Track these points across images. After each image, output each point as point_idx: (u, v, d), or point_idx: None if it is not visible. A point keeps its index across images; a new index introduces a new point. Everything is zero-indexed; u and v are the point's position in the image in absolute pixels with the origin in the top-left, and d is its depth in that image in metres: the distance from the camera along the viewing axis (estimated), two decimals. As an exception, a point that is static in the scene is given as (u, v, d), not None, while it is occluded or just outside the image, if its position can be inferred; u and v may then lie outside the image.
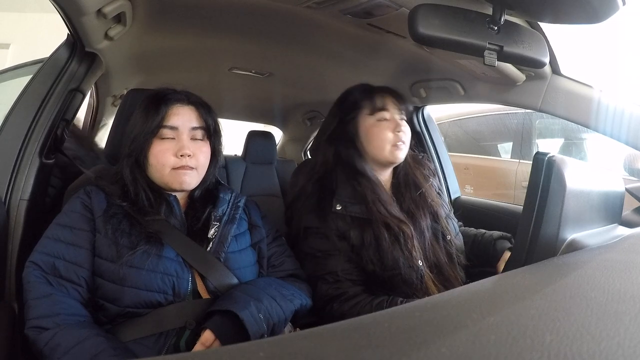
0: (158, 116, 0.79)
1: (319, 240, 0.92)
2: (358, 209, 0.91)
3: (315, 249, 0.92)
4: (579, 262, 0.53)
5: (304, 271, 0.92)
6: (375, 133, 0.95)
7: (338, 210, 0.91)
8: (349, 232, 0.90)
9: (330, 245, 0.90)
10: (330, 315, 0.88)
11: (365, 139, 0.97)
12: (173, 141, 0.79)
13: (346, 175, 0.96)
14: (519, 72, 1.06)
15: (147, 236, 0.73)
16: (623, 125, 0.97)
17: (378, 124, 0.96)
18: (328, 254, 0.90)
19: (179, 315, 0.70)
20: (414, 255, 0.88)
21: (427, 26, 0.69)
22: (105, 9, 0.80)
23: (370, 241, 0.89)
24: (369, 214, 0.90)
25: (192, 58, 1.38)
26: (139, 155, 0.79)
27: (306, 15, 0.94)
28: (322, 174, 0.99)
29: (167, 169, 0.78)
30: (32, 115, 0.87)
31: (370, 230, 0.89)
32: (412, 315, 0.32)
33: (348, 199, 0.93)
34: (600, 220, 0.75)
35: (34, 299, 0.67)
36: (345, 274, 0.89)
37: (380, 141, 0.95)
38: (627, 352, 0.26)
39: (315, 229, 0.93)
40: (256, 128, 2.05)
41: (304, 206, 0.97)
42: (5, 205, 0.82)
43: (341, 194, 0.93)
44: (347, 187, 0.94)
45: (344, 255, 0.90)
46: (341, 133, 0.99)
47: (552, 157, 0.62)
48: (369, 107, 0.97)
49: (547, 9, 0.75)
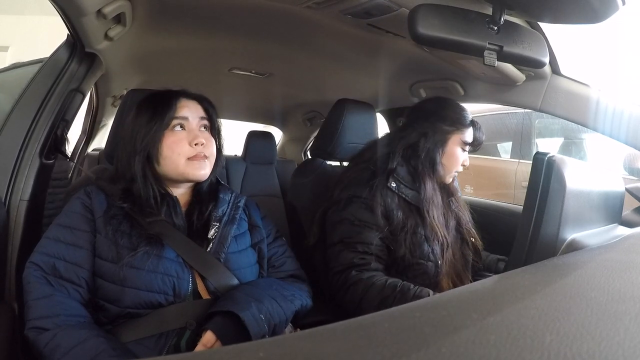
0: (170, 109, 0.80)
1: (363, 210, 0.95)
2: (411, 194, 0.97)
3: (356, 217, 0.95)
4: (579, 262, 0.53)
5: (333, 237, 0.97)
6: (456, 158, 1.01)
7: (392, 187, 0.96)
8: (394, 211, 0.95)
9: (372, 219, 0.94)
10: (342, 283, 0.92)
11: (446, 157, 1.01)
12: (184, 132, 0.81)
13: (407, 163, 1.00)
14: (518, 72, 1.06)
15: (147, 237, 0.73)
16: (623, 124, 0.97)
17: (460, 153, 1.02)
18: (366, 226, 0.94)
19: (179, 316, 0.70)
20: (437, 255, 0.95)
21: (426, 26, 0.69)
22: (105, 9, 0.80)
23: (411, 227, 0.94)
24: (420, 202, 0.96)
25: (192, 58, 1.38)
26: (151, 150, 0.79)
27: (306, 15, 0.94)
28: (387, 158, 1.01)
29: (182, 159, 0.79)
30: (32, 115, 0.86)
31: (413, 218, 0.95)
32: (412, 315, 0.32)
33: (405, 182, 0.98)
34: (600, 220, 0.75)
35: (34, 300, 0.67)
36: (376, 249, 0.93)
37: (454, 167, 1.02)
38: (627, 352, 0.26)
39: (363, 199, 0.96)
40: (256, 128, 2.05)
41: (354, 176, 1.02)
42: (5, 206, 0.82)
43: (400, 175, 0.98)
44: (406, 172, 0.99)
45: (380, 232, 0.94)
46: (432, 137, 1.00)
47: (552, 157, 0.62)
48: (466, 136, 1.01)
49: (547, 9, 0.75)
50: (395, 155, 1.00)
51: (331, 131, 1.25)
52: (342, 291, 0.93)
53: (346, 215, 0.96)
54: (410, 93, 1.38)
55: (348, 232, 0.95)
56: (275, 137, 2.06)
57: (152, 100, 0.83)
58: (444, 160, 1.00)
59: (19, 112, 0.87)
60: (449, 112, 1.02)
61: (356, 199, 0.96)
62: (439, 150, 1.00)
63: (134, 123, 0.82)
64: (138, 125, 0.81)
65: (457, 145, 1.01)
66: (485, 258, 1.14)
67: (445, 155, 1.00)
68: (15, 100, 0.88)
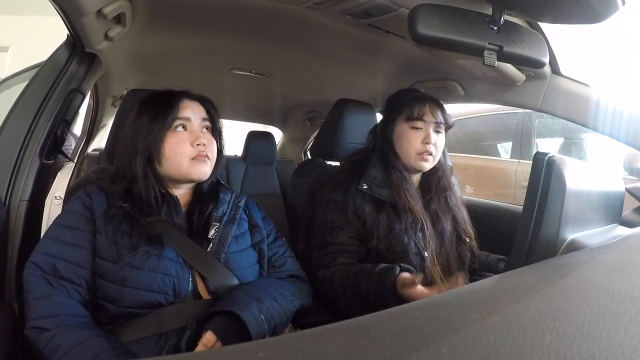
0: (172, 109, 0.80)
1: (335, 213, 0.98)
2: (384, 193, 0.98)
3: (329, 220, 0.98)
4: (579, 262, 0.53)
5: (313, 241, 0.99)
6: (406, 138, 1.00)
7: (364, 189, 0.98)
8: (364, 209, 0.96)
9: (343, 220, 0.97)
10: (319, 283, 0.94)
11: (397, 142, 1.02)
12: (186, 132, 0.81)
13: (382, 163, 1.02)
14: (518, 72, 1.06)
15: (147, 237, 0.73)
16: (623, 124, 0.97)
17: (410, 131, 1.00)
18: (338, 227, 0.97)
19: (179, 316, 0.70)
20: (422, 246, 0.94)
21: (426, 26, 0.69)
22: (105, 9, 0.80)
23: (384, 222, 0.95)
24: (393, 198, 0.96)
25: (192, 58, 1.38)
26: (153, 150, 0.79)
27: (306, 15, 0.94)
28: (359, 158, 1.06)
29: (185, 159, 0.79)
30: (32, 115, 0.87)
31: (385, 213, 0.96)
32: (412, 315, 0.32)
33: (376, 182, 0.99)
34: (600, 220, 0.75)
35: (34, 300, 0.67)
36: (344, 247, 0.95)
37: (408, 147, 1.00)
38: (627, 352, 0.26)
39: (336, 202, 0.99)
40: (256, 128, 2.05)
41: (333, 181, 1.04)
42: (5, 206, 0.82)
43: (370, 176, 1.00)
44: (379, 172, 1.01)
45: (351, 231, 0.96)
46: (384, 128, 1.05)
47: (552, 157, 0.62)
48: (406, 113, 1.01)
49: (546, 9, 0.75)
50: (364, 158, 1.05)
51: (331, 131, 1.25)
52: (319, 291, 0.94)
53: (321, 220, 1.00)
54: (410, 93, 1.38)
55: (322, 236, 0.98)
56: (275, 137, 2.06)
57: (154, 101, 0.83)
58: (398, 146, 1.02)
59: (19, 112, 0.87)
60: (393, 101, 1.06)
61: (331, 203, 1.00)
62: (391, 139, 1.02)
63: (135, 123, 0.81)
64: (139, 125, 0.80)
65: (403, 125, 1.01)
66: (485, 258, 1.14)
67: (396, 140, 1.02)
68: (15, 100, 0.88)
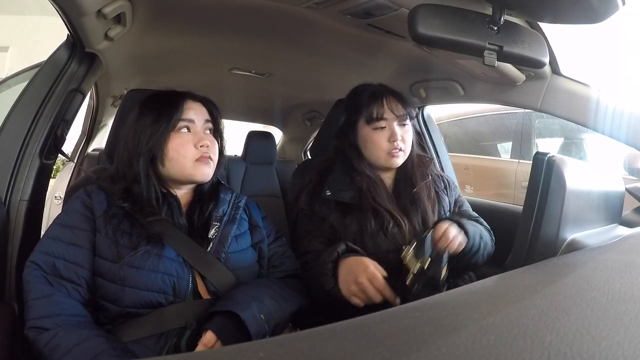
0: (176, 110, 0.80)
1: (305, 221, 0.98)
2: (347, 195, 0.96)
3: (303, 229, 0.98)
4: (579, 262, 0.53)
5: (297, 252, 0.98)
6: (371, 141, 0.98)
7: (328, 195, 0.96)
8: (329, 216, 0.96)
9: (312, 227, 0.97)
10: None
11: (362, 145, 1.00)
12: (190, 134, 0.81)
13: (345, 168, 1.00)
14: (518, 72, 1.06)
15: (147, 236, 0.73)
16: (623, 125, 0.97)
17: (374, 133, 0.97)
18: (309, 235, 0.96)
19: (179, 316, 0.70)
20: (399, 241, 0.91)
21: (426, 26, 0.69)
22: (105, 9, 0.80)
23: (352, 226, 0.94)
24: (359, 201, 0.95)
25: (192, 58, 1.38)
26: (157, 151, 0.79)
27: (306, 15, 0.94)
28: (325, 165, 1.04)
29: (189, 161, 0.79)
30: (32, 115, 0.87)
31: (353, 216, 0.94)
32: (412, 315, 0.32)
33: (340, 186, 0.97)
34: (600, 220, 0.75)
35: (34, 299, 0.67)
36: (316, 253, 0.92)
37: (375, 150, 0.97)
38: (627, 352, 0.26)
39: (304, 210, 0.99)
40: (256, 128, 2.05)
41: (305, 190, 1.03)
42: (5, 206, 0.82)
43: (333, 182, 0.98)
44: (344, 177, 0.99)
45: (320, 237, 0.95)
46: (345, 131, 1.02)
47: (552, 157, 0.62)
48: (365, 115, 0.98)
49: (546, 9, 0.75)
50: (327, 164, 1.03)
51: (331, 131, 1.25)
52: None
53: (298, 230, 1.00)
54: (410, 93, 1.38)
55: (299, 246, 0.97)
56: (275, 137, 2.06)
57: (157, 101, 0.83)
58: (364, 149, 0.99)
59: (19, 112, 0.87)
60: (350, 101, 1.04)
61: (302, 211, 0.99)
62: (355, 143, 1.00)
63: (137, 123, 0.81)
64: (142, 125, 0.80)
65: (365, 127, 0.98)
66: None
67: (361, 144, 1.00)
68: (15, 100, 0.88)
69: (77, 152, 1.95)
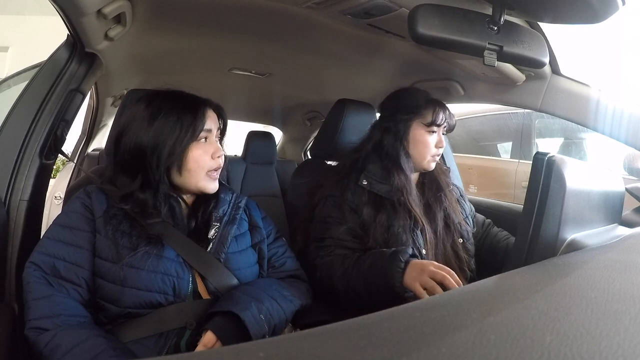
0: (200, 121, 0.77)
1: (333, 208, 1.00)
2: (384, 189, 0.99)
3: (328, 215, 1.00)
4: (579, 262, 0.53)
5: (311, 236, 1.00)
6: (423, 143, 1.03)
7: (363, 185, 1.00)
8: (362, 207, 0.98)
9: (340, 215, 0.98)
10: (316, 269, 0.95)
11: (412, 144, 1.03)
12: (207, 144, 0.80)
13: (381, 161, 1.03)
14: (518, 72, 1.06)
15: (147, 237, 0.73)
16: (623, 124, 0.97)
17: (428, 135, 1.03)
18: (336, 221, 0.98)
19: (179, 316, 0.70)
20: (420, 244, 0.95)
21: (426, 26, 0.69)
22: (105, 9, 0.80)
23: (382, 221, 0.96)
24: (393, 196, 0.97)
25: (192, 58, 1.38)
26: (176, 161, 0.76)
27: (306, 15, 0.94)
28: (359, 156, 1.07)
29: (203, 172, 0.79)
30: (32, 115, 0.87)
31: (385, 212, 0.96)
32: (412, 315, 0.32)
33: (376, 178, 1.00)
34: (600, 220, 0.75)
35: (34, 300, 0.67)
36: (340, 242, 0.96)
37: (425, 151, 1.03)
38: (627, 352, 0.26)
39: (334, 197, 1.01)
40: (256, 128, 2.05)
41: (333, 178, 1.06)
42: (5, 206, 0.82)
43: (370, 172, 1.01)
44: (379, 169, 1.02)
45: (348, 227, 0.97)
46: (393, 128, 1.05)
47: (552, 157, 0.62)
48: (427, 118, 1.02)
49: (547, 9, 0.75)
50: (364, 155, 1.05)
51: (331, 131, 1.25)
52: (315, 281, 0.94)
53: (320, 215, 1.01)
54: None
55: (319, 230, 0.99)
56: (275, 137, 2.06)
57: (175, 104, 0.78)
58: (412, 148, 1.03)
59: (19, 112, 0.87)
60: (404, 101, 1.06)
61: (330, 198, 1.02)
62: (403, 141, 1.03)
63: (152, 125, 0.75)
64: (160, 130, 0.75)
65: (420, 129, 1.03)
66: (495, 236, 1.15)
67: (411, 143, 1.03)
68: (15, 100, 0.88)
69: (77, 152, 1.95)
